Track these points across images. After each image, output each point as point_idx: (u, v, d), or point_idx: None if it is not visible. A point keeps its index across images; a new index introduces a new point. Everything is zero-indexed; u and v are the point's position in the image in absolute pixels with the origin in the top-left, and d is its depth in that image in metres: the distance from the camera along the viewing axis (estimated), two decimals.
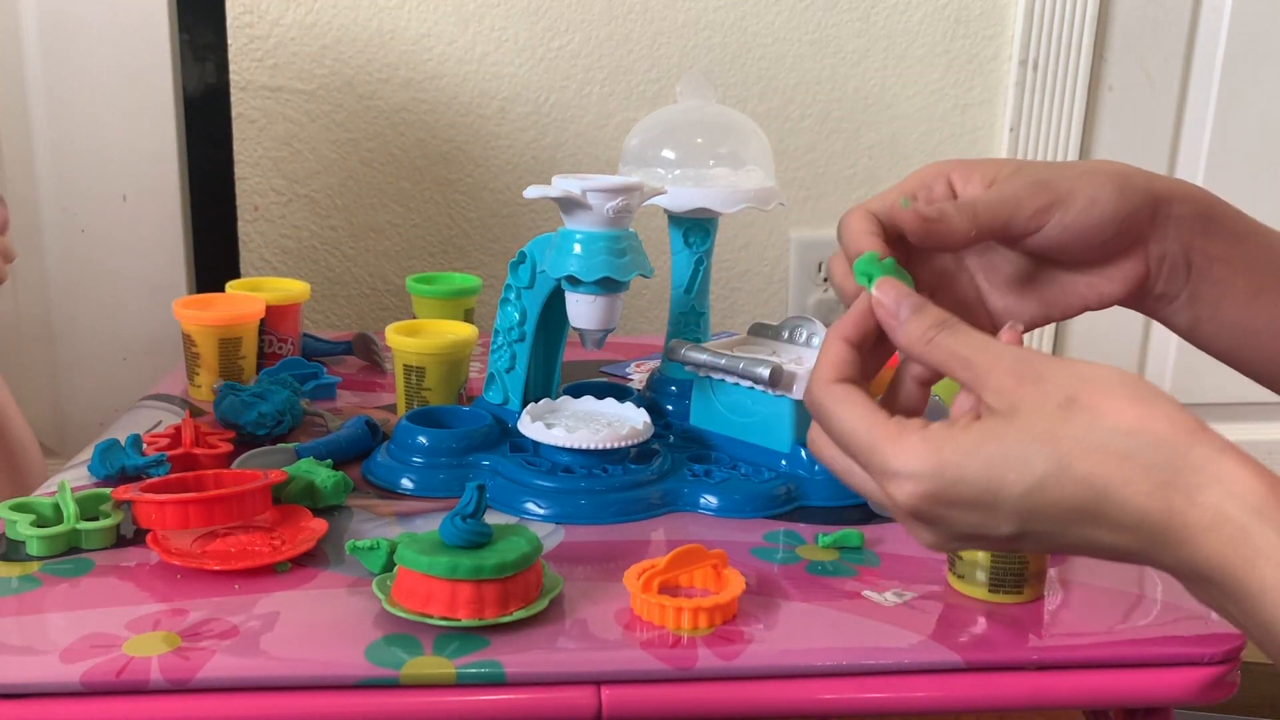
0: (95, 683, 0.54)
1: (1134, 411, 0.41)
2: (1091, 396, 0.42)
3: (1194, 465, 0.40)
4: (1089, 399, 0.42)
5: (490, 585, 0.59)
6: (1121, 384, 0.43)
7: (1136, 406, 0.42)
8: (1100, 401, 0.42)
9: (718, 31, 1.33)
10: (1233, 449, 0.41)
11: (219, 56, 1.29)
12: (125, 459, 0.76)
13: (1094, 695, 0.60)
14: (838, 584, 0.66)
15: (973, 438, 0.43)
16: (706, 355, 0.81)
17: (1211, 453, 0.40)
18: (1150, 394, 0.42)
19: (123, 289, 1.33)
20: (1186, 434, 0.41)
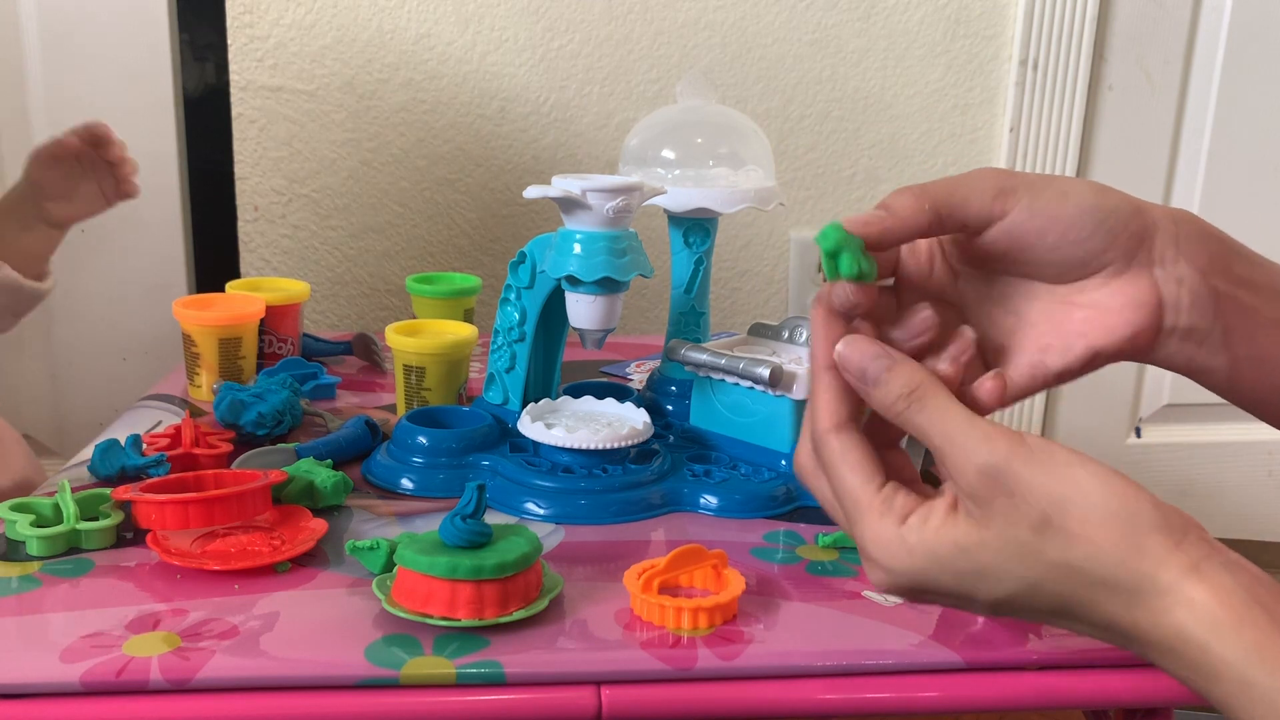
0: (95, 683, 0.54)
1: (1107, 537, 0.42)
2: (1065, 520, 0.42)
3: (1161, 589, 0.41)
4: (1063, 522, 0.42)
5: (490, 585, 0.59)
6: (1100, 504, 0.42)
7: (1110, 531, 0.42)
8: (1075, 526, 0.42)
9: (718, 31, 1.33)
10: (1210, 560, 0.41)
11: (219, 56, 1.29)
12: (125, 459, 0.76)
13: (1094, 695, 0.60)
14: (838, 584, 0.66)
15: (947, 547, 0.44)
16: (706, 355, 0.81)
17: (1181, 575, 0.41)
18: (1128, 510, 0.42)
19: (123, 289, 1.33)
20: (1161, 553, 0.41)
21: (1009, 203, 0.46)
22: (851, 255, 0.45)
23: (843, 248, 0.44)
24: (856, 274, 0.45)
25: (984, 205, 0.46)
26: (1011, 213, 0.47)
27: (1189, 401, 1.50)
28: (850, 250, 0.45)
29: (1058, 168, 1.41)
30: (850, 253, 0.45)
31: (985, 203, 0.46)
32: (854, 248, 0.45)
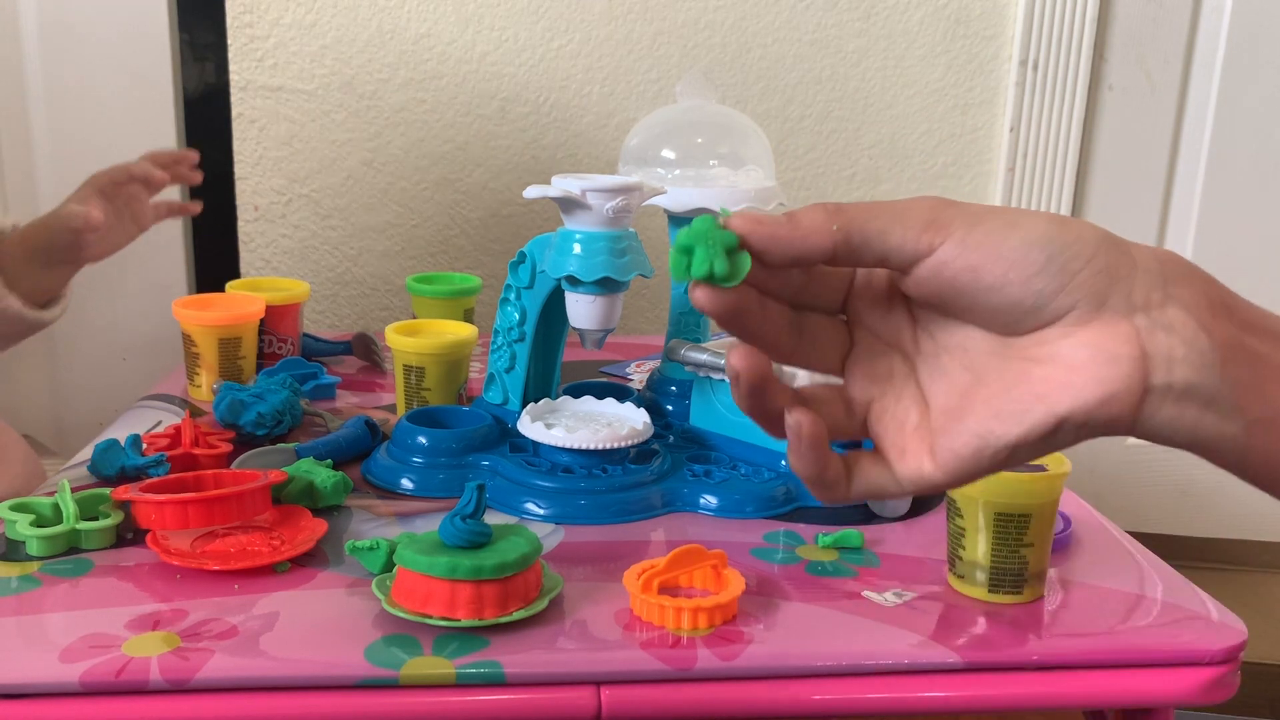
0: (94, 683, 0.54)
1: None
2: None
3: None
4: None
5: (490, 585, 0.59)
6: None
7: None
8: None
9: (718, 31, 1.33)
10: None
11: (219, 56, 1.29)
12: (125, 459, 0.76)
13: (1094, 695, 0.60)
14: (838, 584, 0.66)
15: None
16: (706, 355, 0.81)
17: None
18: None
19: (123, 289, 1.33)
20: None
21: (938, 235, 0.38)
22: (706, 251, 0.38)
23: (699, 242, 0.38)
24: (707, 273, 0.38)
25: (906, 237, 0.38)
26: (940, 248, 0.38)
27: None
28: (708, 246, 0.38)
29: (1058, 167, 1.41)
30: (706, 248, 0.38)
31: (909, 234, 0.38)
32: (715, 244, 0.38)
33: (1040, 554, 0.64)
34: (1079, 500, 0.79)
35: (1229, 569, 1.53)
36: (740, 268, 0.38)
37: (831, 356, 0.42)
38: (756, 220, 0.38)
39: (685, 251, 0.38)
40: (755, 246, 0.38)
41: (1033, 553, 0.64)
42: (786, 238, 0.38)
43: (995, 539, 0.63)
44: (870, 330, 0.42)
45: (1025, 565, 0.64)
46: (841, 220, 0.38)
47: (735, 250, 0.38)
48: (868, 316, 0.42)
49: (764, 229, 0.38)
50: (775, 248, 0.38)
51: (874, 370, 0.42)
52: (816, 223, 0.38)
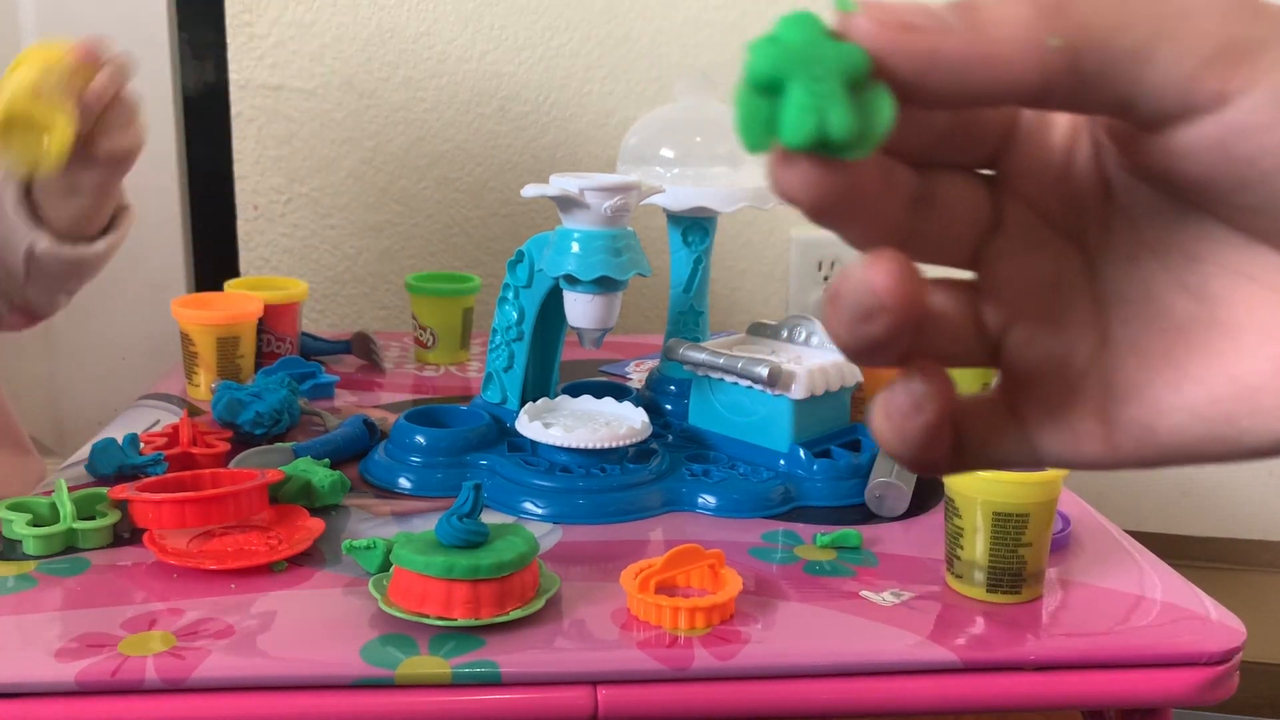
0: (90, 682, 0.54)
1: None
2: None
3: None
4: None
5: (487, 585, 0.58)
6: None
7: None
8: None
9: (717, 30, 1.33)
10: None
11: (218, 55, 1.29)
12: (123, 458, 0.76)
13: (1093, 695, 0.60)
14: (836, 584, 0.66)
15: None
16: (705, 354, 0.81)
17: None
18: None
19: (121, 288, 1.33)
20: None
21: (1240, 75, 0.22)
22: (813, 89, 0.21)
23: (798, 72, 0.21)
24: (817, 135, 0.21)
25: (1183, 71, 0.22)
26: (1242, 98, 0.22)
27: None
28: (815, 77, 0.21)
29: None
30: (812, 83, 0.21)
31: (1187, 66, 0.22)
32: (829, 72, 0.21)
33: (1039, 554, 0.64)
34: (1078, 500, 0.79)
35: (1229, 569, 1.52)
36: (874, 120, 0.21)
37: (963, 240, 0.26)
38: (904, 24, 0.22)
39: (770, 90, 0.21)
40: (904, 75, 0.22)
41: (1031, 552, 0.64)
42: (962, 57, 0.22)
43: (993, 539, 0.63)
44: (1033, 202, 0.26)
45: (1024, 565, 0.64)
46: (1066, 27, 0.22)
47: (864, 84, 0.21)
48: (1032, 178, 0.26)
49: (920, 40, 0.22)
50: (939, 77, 0.22)
51: (1028, 269, 0.26)
52: (1019, 29, 0.22)
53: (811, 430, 0.81)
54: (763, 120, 0.21)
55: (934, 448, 0.26)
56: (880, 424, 0.26)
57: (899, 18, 0.22)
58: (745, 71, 0.22)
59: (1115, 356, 0.25)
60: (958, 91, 0.22)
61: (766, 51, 0.22)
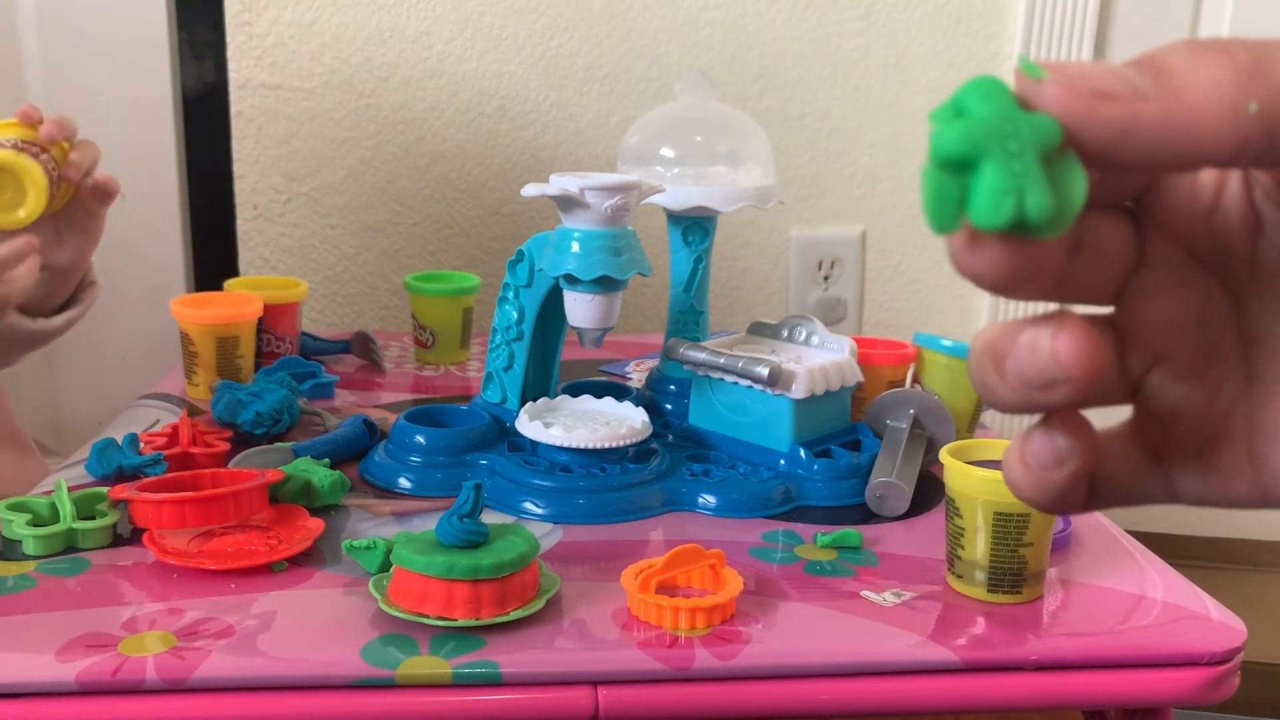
0: (91, 682, 0.54)
1: None
2: None
3: None
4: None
5: (487, 585, 0.58)
6: None
7: None
8: None
9: (717, 29, 1.33)
10: None
11: (218, 54, 1.29)
12: (122, 458, 0.76)
13: (1093, 695, 0.60)
14: (836, 584, 0.66)
15: None
16: (705, 354, 0.81)
17: None
18: None
19: (121, 288, 1.33)
20: None
21: None
22: (1008, 168, 0.20)
23: (989, 148, 0.20)
24: (1014, 218, 0.20)
25: None
26: None
27: None
28: (1009, 155, 0.20)
29: None
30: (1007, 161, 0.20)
31: None
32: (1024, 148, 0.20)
33: (1039, 553, 0.64)
34: None
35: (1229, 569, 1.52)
36: (1070, 198, 0.20)
37: (1109, 278, 0.25)
38: (1098, 91, 0.20)
39: (958, 168, 0.20)
40: (1098, 146, 0.20)
41: (1032, 552, 0.64)
42: (1159, 126, 0.20)
43: (994, 538, 0.63)
44: (1179, 236, 0.25)
45: (1024, 565, 0.64)
46: (1264, 94, 0.20)
47: (1055, 157, 0.20)
48: (1180, 212, 0.25)
49: (1114, 111, 0.20)
50: (1134, 146, 0.21)
51: (1173, 306, 0.25)
52: (1219, 97, 0.20)
53: (812, 430, 0.80)
54: (954, 200, 0.20)
55: (1072, 495, 0.25)
56: (1017, 473, 0.25)
57: (1091, 84, 0.20)
58: (934, 148, 0.20)
59: (1264, 396, 0.24)
60: (1151, 160, 0.21)
61: (956, 127, 0.20)
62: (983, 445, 0.68)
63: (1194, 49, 0.21)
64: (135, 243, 1.32)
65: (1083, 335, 0.22)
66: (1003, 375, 0.23)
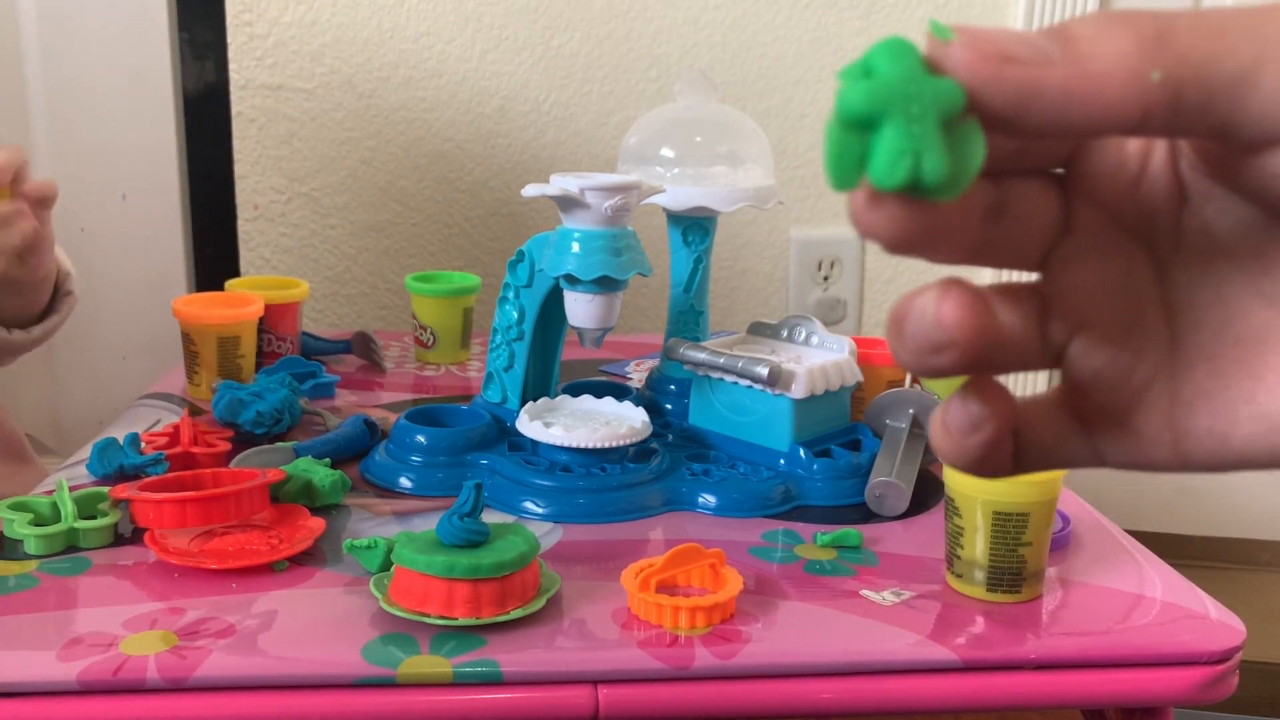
0: (92, 681, 0.54)
1: None
2: None
3: None
4: None
5: (487, 584, 0.59)
6: None
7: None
8: None
9: (717, 30, 1.33)
10: None
11: (218, 55, 1.29)
12: (123, 458, 0.76)
13: (1092, 695, 0.60)
14: (836, 583, 0.66)
15: None
16: (705, 354, 0.81)
17: None
18: None
19: (122, 288, 1.33)
20: None
21: None
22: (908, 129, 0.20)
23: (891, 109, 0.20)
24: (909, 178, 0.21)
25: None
26: None
27: None
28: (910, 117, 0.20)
29: None
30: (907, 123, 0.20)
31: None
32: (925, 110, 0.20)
33: (1039, 553, 0.64)
34: (1078, 499, 0.79)
35: (1229, 568, 1.52)
36: (967, 162, 0.21)
37: (1033, 244, 0.25)
38: (1003, 55, 0.21)
39: (860, 127, 0.20)
40: (1002, 110, 0.21)
41: (1031, 552, 0.64)
42: (1062, 92, 0.21)
43: (993, 538, 0.63)
44: (1104, 204, 0.25)
45: (1023, 564, 0.64)
46: (1166, 62, 0.21)
47: (958, 119, 0.20)
48: (1105, 180, 0.25)
49: (1020, 74, 0.21)
50: (1038, 112, 0.21)
51: (1097, 273, 0.25)
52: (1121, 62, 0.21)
53: (812, 430, 0.81)
54: (854, 158, 0.21)
55: (994, 459, 0.26)
56: (940, 438, 0.26)
57: (999, 48, 0.21)
58: (838, 106, 0.21)
59: (1185, 364, 0.25)
60: (1054, 126, 0.21)
61: (861, 86, 0.20)
62: None
63: (1102, 19, 0.21)
64: (136, 243, 1.32)
65: (965, 300, 0.23)
66: (901, 340, 0.24)
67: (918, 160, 0.20)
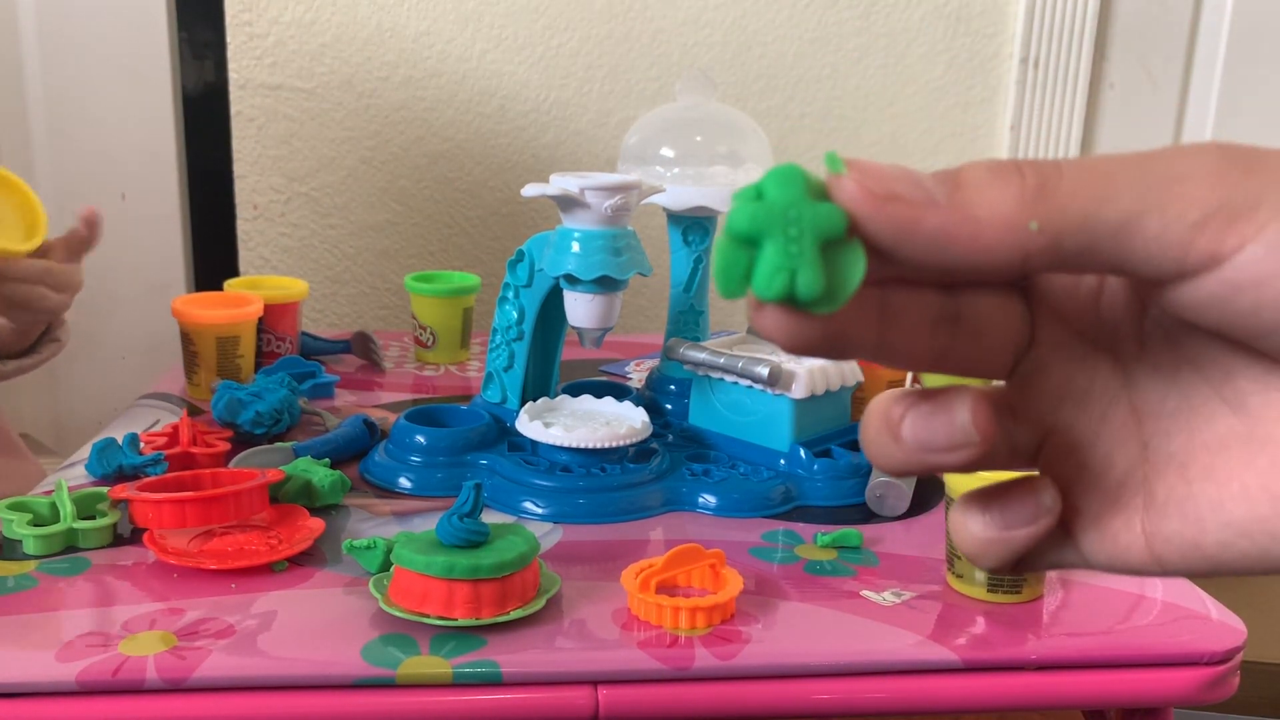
0: (91, 682, 0.54)
1: None
2: None
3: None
4: None
5: (487, 585, 0.58)
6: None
7: None
8: None
9: (717, 29, 1.33)
10: None
11: (218, 55, 1.29)
12: (123, 458, 0.76)
13: (1093, 695, 0.60)
14: (836, 584, 0.66)
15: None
16: (705, 354, 0.81)
17: None
18: None
19: (122, 288, 1.33)
20: None
21: (1230, 235, 0.22)
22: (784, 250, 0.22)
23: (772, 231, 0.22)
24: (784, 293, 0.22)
25: (1168, 239, 0.22)
26: (1234, 257, 0.22)
27: None
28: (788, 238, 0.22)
29: None
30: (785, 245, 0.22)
31: (1173, 233, 0.22)
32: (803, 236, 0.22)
33: None
34: None
35: None
36: (846, 280, 0.22)
37: (997, 355, 0.26)
38: (887, 194, 0.22)
39: (746, 244, 0.22)
40: (881, 242, 0.22)
41: None
42: (940, 233, 0.22)
43: None
44: (1066, 318, 0.26)
45: None
46: (1047, 212, 0.22)
47: (839, 243, 0.22)
48: (1064, 296, 0.26)
49: (900, 212, 0.22)
50: (916, 248, 0.22)
51: (1064, 382, 0.26)
52: (1000, 213, 0.22)
53: (812, 430, 0.81)
54: (740, 271, 0.22)
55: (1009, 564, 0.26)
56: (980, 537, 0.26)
57: (885, 186, 0.22)
58: (727, 224, 0.23)
59: (1157, 469, 0.25)
60: (933, 262, 0.22)
61: (747, 208, 0.22)
62: None
63: (994, 168, 0.22)
64: (135, 243, 1.32)
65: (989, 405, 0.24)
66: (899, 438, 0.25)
67: (792, 276, 0.22)
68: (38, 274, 0.86)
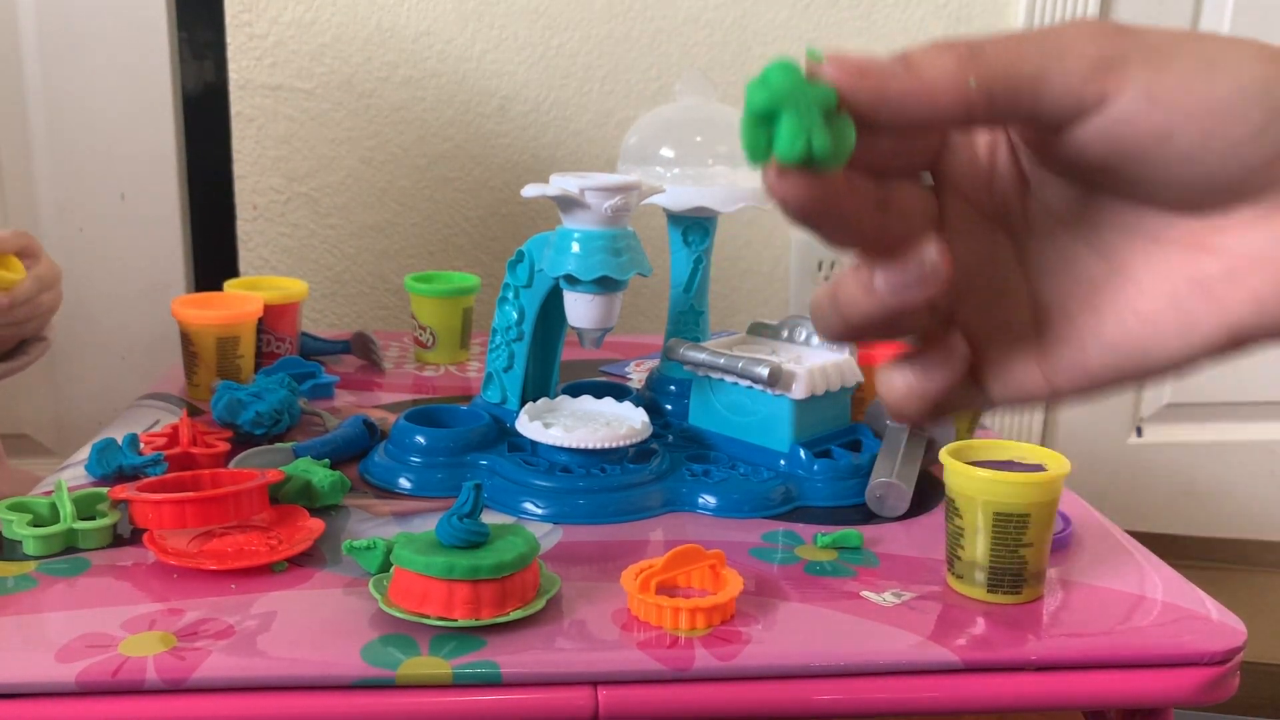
0: (91, 682, 0.54)
1: None
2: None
3: None
4: None
5: (487, 585, 0.58)
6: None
7: None
8: None
9: (717, 29, 1.33)
10: None
11: (218, 55, 1.29)
12: (122, 458, 0.76)
13: (1093, 695, 0.60)
14: (836, 584, 0.66)
15: None
16: (705, 354, 0.81)
17: None
18: None
19: (121, 288, 1.33)
20: None
21: (1111, 80, 0.28)
22: (799, 119, 0.27)
23: (788, 105, 0.28)
24: (803, 153, 0.28)
25: (1068, 84, 0.28)
26: (1118, 97, 0.28)
27: (1191, 401, 1.50)
28: (801, 110, 0.28)
29: None
30: (798, 115, 0.27)
31: (1071, 80, 0.28)
32: (810, 107, 0.28)
33: (1039, 554, 0.64)
34: (1079, 500, 0.79)
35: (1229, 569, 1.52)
36: (844, 141, 0.28)
37: (917, 234, 0.31)
38: (860, 69, 0.28)
39: (766, 120, 0.28)
40: (861, 107, 0.28)
41: (1032, 553, 0.64)
42: (904, 94, 0.28)
43: (994, 539, 0.63)
44: (967, 198, 0.33)
45: (1024, 565, 0.64)
46: (980, 70, 0.28)
47: (834, 114, 0.28)
48: (963, 179, 0.33)
49: (872, 82, 0.28)
50: (888, 108, 0.28)
51: (969, 253, 0.33)
52: (945, 73, 0.28)
53: (812, 430, 0.81)
54: (764, 142, 0.28)
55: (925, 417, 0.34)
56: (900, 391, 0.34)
57: (857, 65, 0.28)
58: (747, 105, 0.28)
59: (1047, 314, 0.32)
60: (902, 120, 0.29)
61: (762, 90, 0.28)
62: (983, 445, 0.68)
63: (933, 46, 0.29)
64: (135, 243, 1.32)
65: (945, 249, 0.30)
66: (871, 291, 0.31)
67: (809, 138, 0.27)
68: (36, 287, 0.87)
